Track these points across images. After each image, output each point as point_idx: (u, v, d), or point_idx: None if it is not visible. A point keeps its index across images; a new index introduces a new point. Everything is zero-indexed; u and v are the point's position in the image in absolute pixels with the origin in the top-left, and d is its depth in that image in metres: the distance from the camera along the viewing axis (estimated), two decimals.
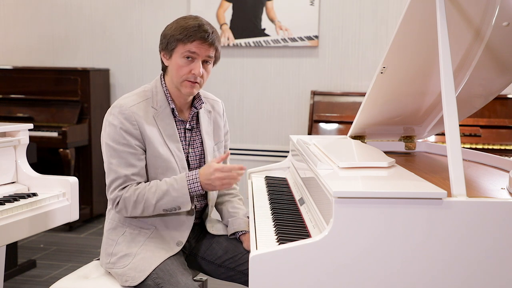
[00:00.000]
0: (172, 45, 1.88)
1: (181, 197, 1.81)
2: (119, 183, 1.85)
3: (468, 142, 3.73)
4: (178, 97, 1.95)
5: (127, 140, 1.84)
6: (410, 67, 2.09)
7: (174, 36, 1.87)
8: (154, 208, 1.83)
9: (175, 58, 1.89)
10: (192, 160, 1.99)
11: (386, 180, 1.67)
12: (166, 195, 1.81)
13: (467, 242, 1.40)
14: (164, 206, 1.83)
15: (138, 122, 1.86)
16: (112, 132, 1.85)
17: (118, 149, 1.84)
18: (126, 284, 1.82)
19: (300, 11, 4.43)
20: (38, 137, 4.22)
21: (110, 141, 1.85)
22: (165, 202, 1.82)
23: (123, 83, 4.90)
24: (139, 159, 1.86)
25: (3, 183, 2.41)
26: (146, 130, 1.86)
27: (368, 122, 2.40)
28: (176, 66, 1.89)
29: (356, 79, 4.43)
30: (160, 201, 1.81)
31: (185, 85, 1.89)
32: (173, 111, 1.94)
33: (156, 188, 1.83)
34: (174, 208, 1.83)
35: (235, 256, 1.99)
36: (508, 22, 1.87)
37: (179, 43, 1.86)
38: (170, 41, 1.88)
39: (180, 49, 1.87)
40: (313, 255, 1.39)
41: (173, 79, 1.91)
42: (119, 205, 1.85)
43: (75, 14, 4.95)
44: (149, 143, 1.87)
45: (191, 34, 1.85)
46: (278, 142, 4.62)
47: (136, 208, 1.83)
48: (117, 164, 1.84)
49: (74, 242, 4.13)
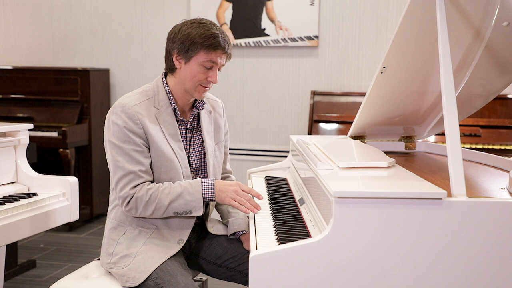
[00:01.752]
0: (193, 52, 1.85)
1: (194, 201, 1.82)
2: (128, 180, 1.83)
3: (468, 142, 3.73)
4: (181, 98, 1.95)
5: (132, 138, 1.84)
6: (410, 67, 2.09)
7: (196, 42, 1.83)
8: (165, 210, 1.82)
9: (193, 65, 1.87)
10: (193, 160, 1.99)
11: (386, 180, 1.67)
12: (180, 197, 1.81)
13: (467, 242, 1.40)
14: (176, 209, 1.83)
15: (141, 121, 1.85)
16: (116, 131, 1.85)
17: (123, 147, 1.84)
18: (127, 284, 1.82)
19: (300, 11, 4.43)
20: (38, 137, 4.22)
21: (115, 139, 1.85)
22: (177, 205, 1.82)
23: (123, 83, 4.90)
24: (145, 156, 1.86)
25: (3, 183, 2.41)
26: (149, 129, 1.86)
27: (368, 122, 2.40)
28: (192, 72, 1.87)
29: (356, 79, 4.43)
30: (172, 203, 1.81)
31: (199, 90, 1.90)
32: (175, 110, 1.94)
33: (170, 190, 1.83)
34: (185, 212, 1.83)
35: (235, 256, 1.99)
36: (508, 22, 1.87)
37: (202, 50, 1.84)
38: (192, 48, 1.84)
39: (202, 57, 1.85)
40: (313, 255, 1.39)
41: (185, 84, 1.90)
42: (130, 204, 1.84)
43: (75, 14, 4.95)
44: (152, 142, 1.87)
45: (216, 44, 1.84)
46: (278, 142, 4.62)
47: (147, 209, 1.83)
48: (124, 161, 1.83)
49: (74, 242, 4.13)
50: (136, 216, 1.88)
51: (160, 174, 1.89)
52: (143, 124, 1.85)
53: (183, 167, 1.92)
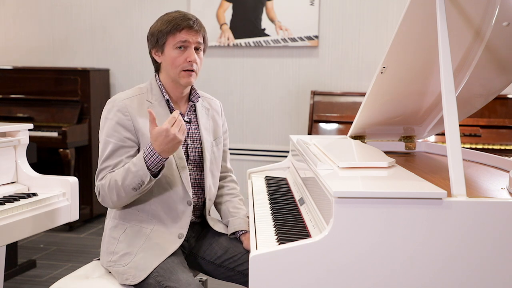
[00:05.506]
0: (162, 40, 1.92)
1: (141, 170, 1.77)
2: (102, 175, 1.88)
3: (468, 142, 3.73)
4: (173, 90, 1.98)
5: (119, 132, 1.87)
6: (410, 67, 2.09)
7: (162, 31, 1.91)
8: (124, 190, 1.80)
9: (168, 52, 1.92)
10: (191, 153, 2.00)
11: (386, 180, 1.67)
12: (128, 172, 1.79)
13: (467, 242, 1.40)
14: (130, 185, 1.79)
15: (131, 114, 1.89)
16: (105, 126, 1.90)
17: (108, 141, 1.87)
18: (127, 282, 1.83)
19: (300, 11, 4.43)
20: (38, 137, 4.22)
21: (103, 133, 1.90)
22: (129, 181, 1.79)
23: (123, 83, 4.90)
24: (126, 152, 1.87)
25: (3, 183, 2.41)
26: (139, 123, 1.88)
27: (368, 122, 2.40)
28: (170, 59, 1.92)
29: (356, 79, 4.43)
30: (125, 181, 1.80)
31: (183, 76, 1.93)
32: (168, 102, 1.96)
33: (121, 169, 1.83)
34: (139, 184, 1.79)
35: (235, 256, 1.99)
36: (508, 22, 1.87)
37: (169, 35, 1.91)
38: (159, 36, 1.92)
39: (171, 41, 1.91)
40: (313, 255, 1.39)
41: (169, 73, 1.94)
42: (100, 195, 1.87)
43: (75, 14, 4.95)
44: (142, 135, 1.89)
45: (178, 24, 1.89)
46: (278, 142, 4.62)
47: (111, 194, 1.83)
48: (105, 157, 1.87)
49: (74, 242, 4.13)
50: (112, 206, 1.89)
51: None
52: (132, 117, 1.88)
53: (177, 158, 1.91)
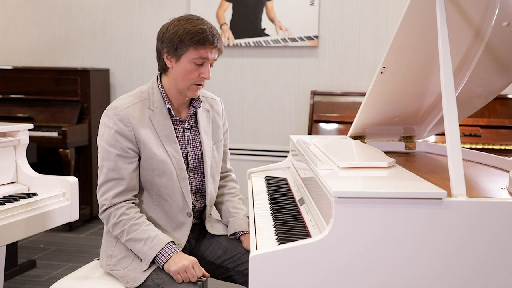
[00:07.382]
0: (182, 50, 1.82)
1: (147, 255, 1.80)
2: (107, 188, 1.85)
3: (468, 142, 3.73)
4: (175, 98, 1.94)
5: (120, 142, 1.84)
6: (410, 67, 2.09)
7: (183, 40, 1.81)
8: (125, 241, 1.85)
9: (183, 63, 1.84)
10: (191, 160, 1.98)
11: (386, 180, 1.67)
12: (139, 242, 1.81)
13: (467, 242, 1.40)
14: (131, 248, 1.85)
15: (132, 124, 1.85)
16: (105, 134, 1.86)
17: (109, 151, 1.85)
18: (128, 285, 1.83)
19: (300, 11, 4.43)
20: (38, 137, 4.22)
21: (104, 142, 1.86)
22: (134, 246, 1.83)
23: (123, 83, 4.90)
24: (129, 162, 1.85)
25: (3, 183, 2.41)
26: (141, 133, 1.86)
27: (368, 122, 2.40)
28: (184, 71, 1.85)
29: (356, 79, 4.43)
30: (131, 242, 1.83)
31: (192, 89, 1.89)
32: (169, 111, 1.93)
33: (138, 229, 1.82)
34: (137, 255, 1.84)
35: (235, 256, 1.99)
36: (508, 22, 1.87)
37: (190, 47, 1.81)
38: (180, 45, 1.82)
39: (191, 54, 1.82)
40: (313, 255, 1.39)
41: (178, 83, 1.89)
42: (104, 214, 1.88)
43: (75, 14, 4.95)
44: (143, 145, 1.86)
45: (205, 40, 1.81)
46: (278, 142, 4.62)
47: (114, 229, 1.86)
48: (108, 167, 1.85)
49: (74, 242, 4.13)
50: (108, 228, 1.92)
51: (153, 177, 1.88)
52: (134, 127, 1.85)
53: (178, 169, 1.90)
